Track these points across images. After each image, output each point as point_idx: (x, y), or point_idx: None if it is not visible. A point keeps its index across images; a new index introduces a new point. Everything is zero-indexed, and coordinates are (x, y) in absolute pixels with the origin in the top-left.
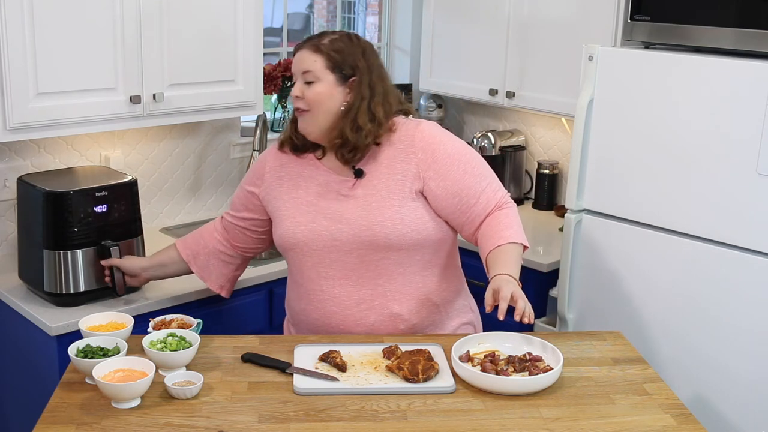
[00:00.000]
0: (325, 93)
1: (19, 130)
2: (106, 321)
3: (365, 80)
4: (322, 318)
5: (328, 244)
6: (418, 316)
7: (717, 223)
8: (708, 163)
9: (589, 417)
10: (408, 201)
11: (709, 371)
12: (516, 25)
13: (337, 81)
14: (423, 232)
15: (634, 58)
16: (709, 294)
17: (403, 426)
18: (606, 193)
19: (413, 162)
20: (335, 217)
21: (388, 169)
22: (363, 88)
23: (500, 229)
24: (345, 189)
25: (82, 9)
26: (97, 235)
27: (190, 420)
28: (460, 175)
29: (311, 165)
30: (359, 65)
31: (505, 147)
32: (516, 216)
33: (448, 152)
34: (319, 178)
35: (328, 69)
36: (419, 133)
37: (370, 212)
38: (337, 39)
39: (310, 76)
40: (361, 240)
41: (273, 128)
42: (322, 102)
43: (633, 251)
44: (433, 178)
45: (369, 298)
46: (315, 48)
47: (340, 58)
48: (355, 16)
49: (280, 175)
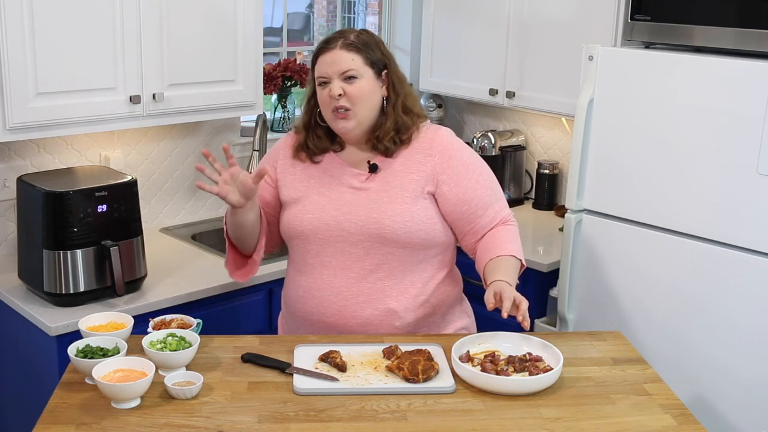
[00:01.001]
0: (368, 88)
1: (19, 130)
2: (106, 321)
3: (394, 71)
4: (318, 307)
5: (335, 234)
6: (414, 314)
7: (717, 223)
8: (708, 163)
9: (589, 417)
10: (419, 200)
11: (709, 371)
12: (516, 25)
13: (375, 75)
14: (431, 233)
15: (635, 58)
16: (709, 294)
17: (403, 426)
18: (606, 193)
19: (430, 164)
20: (344, 208)
21: (404, 167)
22: (394, 79)
23: (503, 242)
24: (357, 182)
25: (82, 9)
26: (97, 235)
27: (190, 420)
28: (473, 185)
29: (326, 157)
30: (387, 57)
31: (505, 147)
32: (518, 235)
33: (464, 160)
34: (333, 170)
35: (367, 65)
36: (439, 137)
37: (381, 206)
38: (361, 35)
39: (352, 73)
40: (369, 233)
41: (273, 128)
42: (368, 97)
43: (633, 251)
44: (446, 182)
45: (367, 292)
46: (348, 47)
47: (372, 54)
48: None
49: (294, 162)
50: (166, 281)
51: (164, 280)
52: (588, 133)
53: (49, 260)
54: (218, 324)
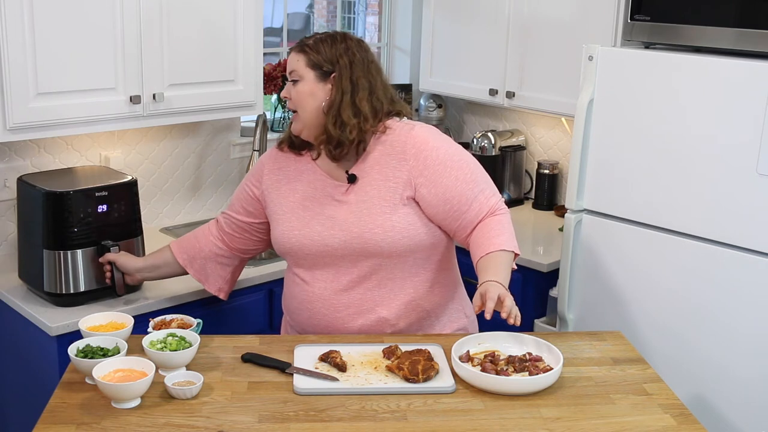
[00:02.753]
0: (306, 91)
1: (19, 130)
2: (106, 321)
3: (345, 74)
4: (311, 319)
5: (321, 249)
6: (405, 320)
7: (717, 223)
8: (708, 163)
9: (589, 417)
10: (399, 207)
11: (709, 371)
12: (516, 25)
13: (317, 78)
14: (415, 239)
15: (634, 58)
16: (709, 294)
17: (403, 426)
18: (606, 193)
19: (405, 168)
20: (328, 223)
21: (381, 175)
22: (344, 83)
23: (491, 236)
24: (339, 194)
25: (82, 9)
26: (97, 235)
27: (190, 420)
28: (452, 182)
29: (308, 168)
30: (339, 60)
31: (505, 147)
32: (508, 223)
33: (440, 159)
34: (315, 183)
35: (308, 67)
36: (411, 138)
37: (361, 219)
38: (322, 38)
39: (294, 76)
40: (353, 246)
41: (273, 128)
42: (304, 99)
43: (633, 251)
44: (424, 185)
45: (357, 302)
46: (299, 48)
47: (319, 56)
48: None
49: (278, 178)
50: (166, 281)
51: (164, 280)
52: (588, 133)
53: (49, 260)
54: (218, 324)
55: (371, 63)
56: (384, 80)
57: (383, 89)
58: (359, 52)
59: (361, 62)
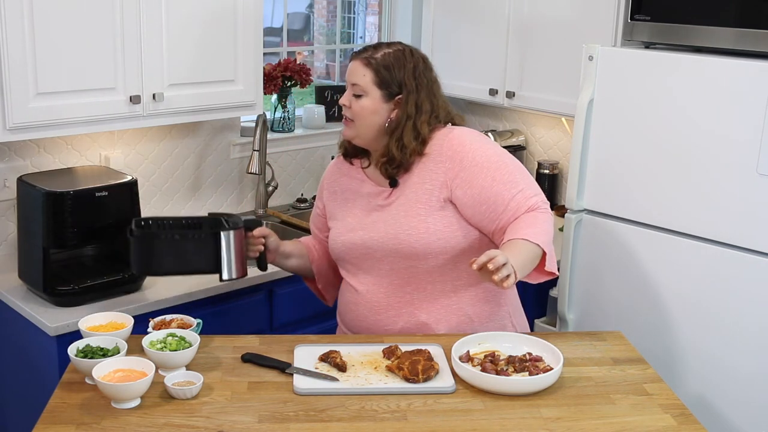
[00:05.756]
0: (369, 108)
1: (19, 130)
2: (106, 321)
3: (412, 99)
4: (355, 320)
5: (363, 252)
6: (446, 324)
7: (717, 223)
8: (708, 163)
9: (589, 417)
10: (435, 210)
11: (709, 371)
12: (516, 25)
13: (383, 97)
14: (451, 241)
15: (635, 58)
16: (709, 294)
17: (403, 426)
18: (606, 193)
19: (441, 170)
20: (370, 227)
21: (419, 179)
22: (409, 107)
23: (519, 228)
24: (381, 199)
25: (82, 9)
26: (97, 235)
27: (190, 420)
28: (489, 183)
29: (358, 177)
30: (407, 83)
31: (505, 147)
32: (545, 221)
33: (476, 160)
34: (363, 191)
35: (375, 85)
36: (448, 141)
37: (398, 221)
38: (390, 54)
39: (358, 90)
40: (390, 249)
41: (273, 128)
42: (366, 117)
43: (633, 251)
44: (460, 186)
45: (397, 305)
46: (366, 62)
47: (388, 75)
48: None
49: (335, 190)
50: (166, 281)
51: (164, 280)
52: (588, 133)
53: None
54: (218, 324)
55: (434, 83)
56: (443, 98)
57: (443, 108)
58: (426, 74)
59: (426, 85)
